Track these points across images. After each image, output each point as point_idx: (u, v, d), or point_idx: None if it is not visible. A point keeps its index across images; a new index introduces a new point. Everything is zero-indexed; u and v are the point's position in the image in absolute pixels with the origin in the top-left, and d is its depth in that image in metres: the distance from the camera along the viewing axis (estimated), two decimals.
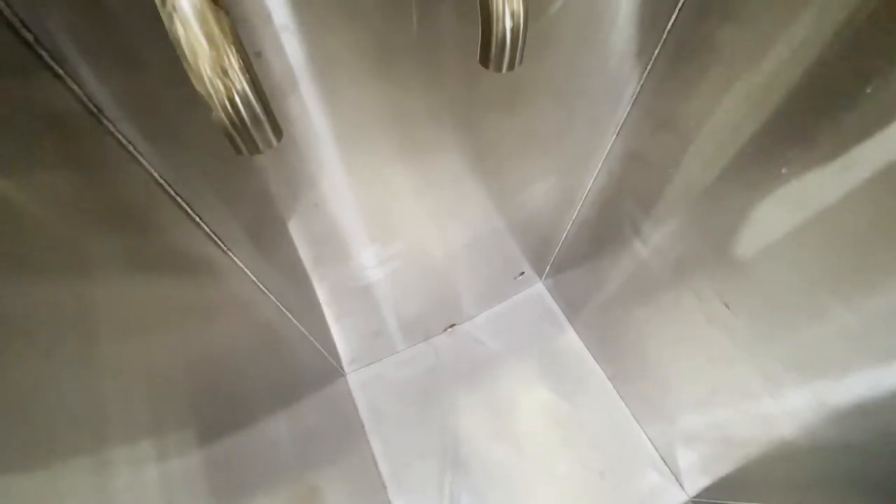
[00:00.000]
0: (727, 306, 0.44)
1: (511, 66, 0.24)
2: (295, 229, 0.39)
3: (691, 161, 0.42)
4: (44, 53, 0.20)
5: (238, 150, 0.21)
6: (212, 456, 0.24)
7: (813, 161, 0.32)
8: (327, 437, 0.51)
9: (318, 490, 0.40)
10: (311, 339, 0.57)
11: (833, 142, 0.30)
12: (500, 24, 0.22)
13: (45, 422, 0.15)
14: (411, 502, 0.65)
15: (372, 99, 0.31)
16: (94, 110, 0.23)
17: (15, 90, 0.19)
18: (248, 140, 0.21)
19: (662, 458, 0.67)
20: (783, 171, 0.34)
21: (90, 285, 0.20)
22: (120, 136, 0.24)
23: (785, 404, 0.42)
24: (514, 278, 0.77)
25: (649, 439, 0.69)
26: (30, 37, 0.19)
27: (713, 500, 0.60)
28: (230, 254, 0.36)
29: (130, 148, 0.25)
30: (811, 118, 0.31)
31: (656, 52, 0.40)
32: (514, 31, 0.23)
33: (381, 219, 0.44)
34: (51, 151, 0.20)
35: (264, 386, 0.39)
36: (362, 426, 0.70)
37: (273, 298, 0.45)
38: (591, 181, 0.56)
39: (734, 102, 0.36)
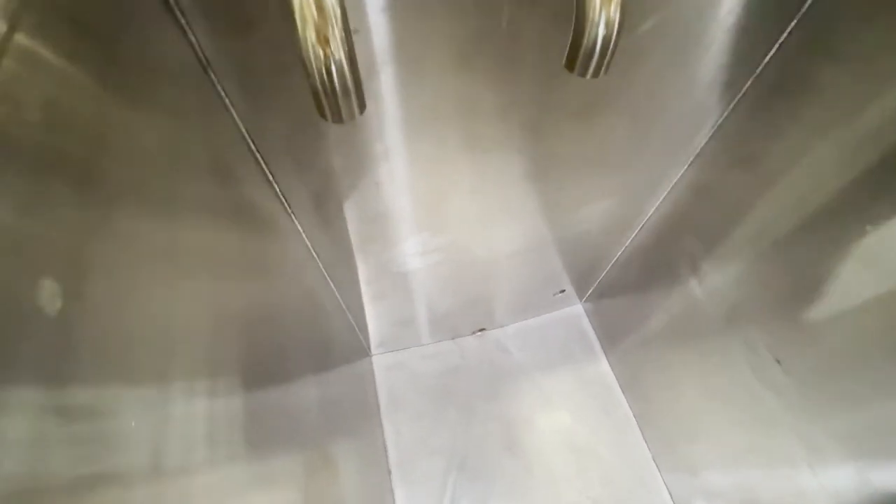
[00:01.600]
0: (779, 363, 0.41)
1: (596, 74, 0.24)
2: (352, 205, 0.41)
3: (767, 205, 0.40)
4: (174, 5, 0.22)
5: (323, 116, 0.22)
6: (251, 404, 0.26)
7: None
8: (347, 411, 0.53)
9: (333, 461, 0.41)
10: (348, 313, 0.59)
11: None
12: (594, 30, 0.22)
13: (128, 339, 0.16)
14: (412, 494, 0.65)
15: (448, 89, 0.32)
16: (204, 62, 0.25)
17: (144, 35, 0.21)
18: (334, 108, 0.22)
19: None
20: (867, 227, 0.31)
21: (175, 223, 0.22)
22: (220, 89, 0.26)
23: (825, 479, 0.39)
24: (554, 295, 0.76)
25: (666, 486, 0.65)
26: None
27: None
28: (293, 216, 0.38)
29: (227, 101, 0.27)
30: None
31: (747, 84, 0.38)
32: (606, 38, 0.23)
33: (433, 210, 0.45)
34: (161, 93, 0.22)
35: (302, 348, 0.40)
36: (378, 410, 0.71)
37: (322, 267, 0.47)
38: (654, 209, 0.54)
39: (826, 150, 0.34)
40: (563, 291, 0.75)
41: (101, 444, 0.13)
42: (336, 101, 0.22)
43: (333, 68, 0.21)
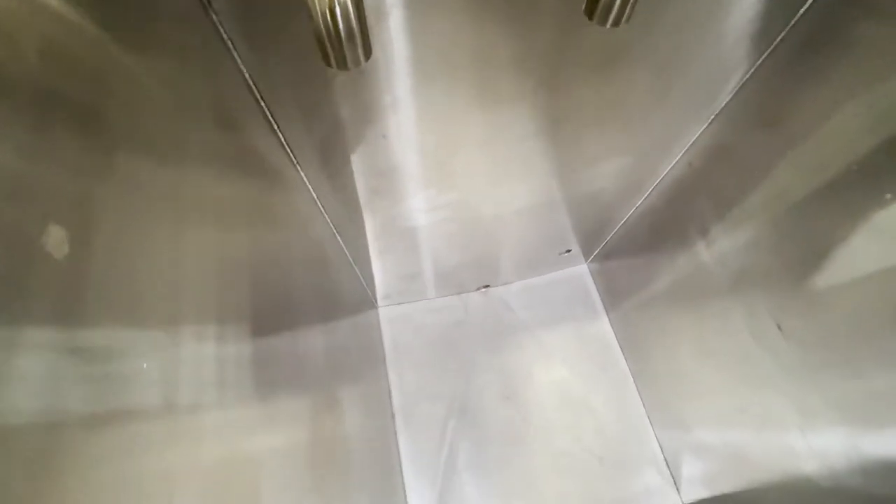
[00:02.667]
0: (780, 328, 0.41)
1: (616, 23, 0.22)
2: (358, 158, 0.40)
3: (786, 169, 0.38)
4: None
5: (327, 62, 0.21)
6: (259, 350, 0.27)
7: None
8: (354, 358, 0.55)
9: (339, 403, 0.44)
10: (354, 266, 0.60)
11: None
12: None
13: (136, 283, 0.17)
14: (415, 436, 0.69)
15: (460, 36, 0.31)
16: (206, 2, 0.24)
17: None
18: (339, 53, 0.21)
19: (666, 461, 0.67)
20: (887, 196, 0.30)
21: (181, 170, 0.22)
22: (222, 31, 0.25)
23: (815, 441, 0.41)
24: (560, 254, 0.76)
25: (658, 440, 0.68)
26: None
27: None
28: (298, 167, 0.38)
29: (229, 44, 0.26)
30: None
31: (778, 38, 0.36)
32: None
33: (441, 164, 0.44)
34: (161, 35, 0.22)
35: (309, 298, 0.41)
36: (384, 358, 0.74)
37: (328, 219, 0.47)
38: (668, 169, 0.53)
39: (854, 112, 0.32)
40: (569, 251, 0.75)
41: (115, 383, 0.14)
42: (340, 46, 0.21)
43: (338, 11, 0.20)
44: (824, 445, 0.40)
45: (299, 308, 0.38)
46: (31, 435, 0.11)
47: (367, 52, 0.22)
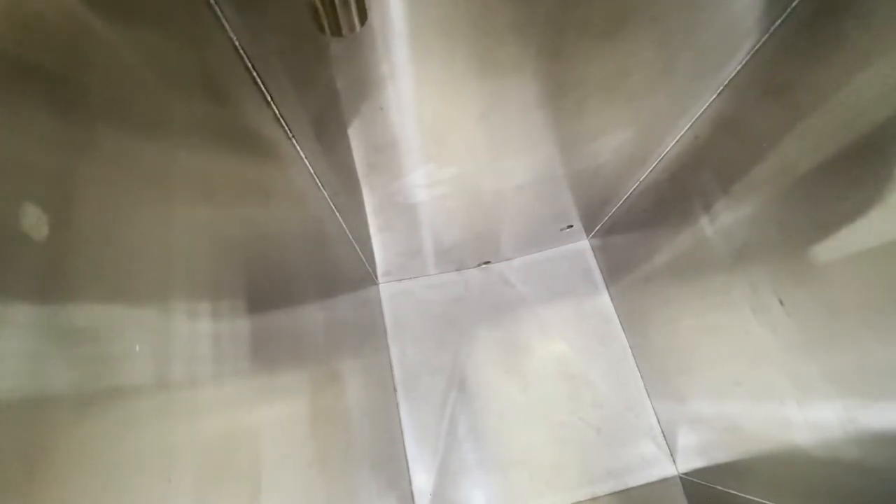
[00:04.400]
0: (782, 303, 0.41)
1: None
2: (356, 132, 0.39)
3: (795, 141, 0.37)
4: None
5: (321, 28, 0.20)
6: (257, 326, 0.27)
7: None
8: (354, 333, 0.55)
9: (340, 375, 0.44)
10: (354, 243, 0.59)
11: None
12: None
13: (124, 263, 0.16)
14: (415, 408, 0.71)
15: (461, 3, 0.29)
16: None
17: None
18: (332, 19, 0.20)
19: (663, 433, 0.68)
20: (894, 171, 0.30)
21: (168, 144, 0.21)
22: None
23: (810, 414, 0.41)
24: (561, 230, 0.75)
25: (655, 413, 0.70)
26: None
27: (702, 482, 0.61)
28: (294, 141, 0.37)
29: (217, 10, 0.25)
30: None
31: (795, 2, 0.34)
32: None
33: (441, 138, 0.43)
34: (144, 3, 0.20)
35: (308, 275, 0.41)
36: (385, 332, 0.75)
37: (326, 195, 0.46)
38: (673, 142, 0.52)
39: (865, 83, 0.31)
40: (570, 227, 0.74)
41: (105, 363, 0.14)
42: (334, 10, 0.20)
43: None
44: (820, 417, 0.40)
45: (299, 284, 0.37)
46: (19, 413, 0.11)
47: (363, 17, 0.21)
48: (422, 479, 0.67)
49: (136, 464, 0.15)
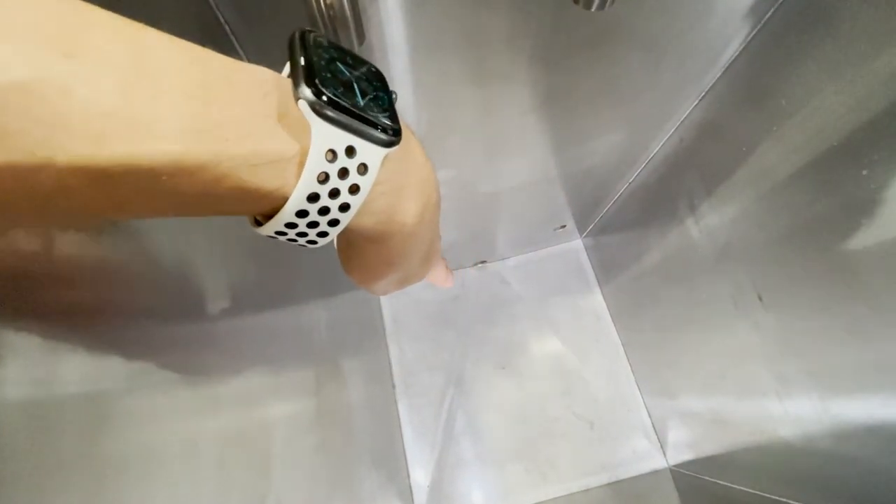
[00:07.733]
0: (761, 299, 0.43)
1: (602, 6, 0.23)
2: None
3: (773, 146, 0.39)
4: None
5: None
6: (262, 325, 0.28)
7: None
8: (355, 331, 0.57)
9: (341, 372, 0.46)
10: None
11: None
12: None
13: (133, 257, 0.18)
14: (414, 405, 0.72)
15: (454, 15, 0.31)
16: None
17: None
18: (332, 38, 0.22)
19: (654, 427, 0.70)
20: (864, 172, 0.32)
21: None
22: (219, 15, 0.26)
23: (790, 406, 0.43)
24: (554, 230, 0.77)
25: (646, 408, 0.72)
26: None
27: (692, 473, 0.63)
28: None
29: (227, 29, 0.26)
30: None
31: (768, 15, 0.36)
32: None
33: (437, 143, 0.45)
34: (147, 7, 0.22)
35: (312, 274, 0.43)
36: (384, 331, 0.76)
37: None
38: (659, 146, 0.54)
39: (837, 89, 0.33)
40: (563, 227, 0.76)
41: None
42: (334, 31, 0.22)
43: None
44: (799, 410, 0.42)
45: (304, 283, 0.39)
46: (78, 403, 0.13)
47: (361, 36, 0.23)
48: (420, 474, 0.69)
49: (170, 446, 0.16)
